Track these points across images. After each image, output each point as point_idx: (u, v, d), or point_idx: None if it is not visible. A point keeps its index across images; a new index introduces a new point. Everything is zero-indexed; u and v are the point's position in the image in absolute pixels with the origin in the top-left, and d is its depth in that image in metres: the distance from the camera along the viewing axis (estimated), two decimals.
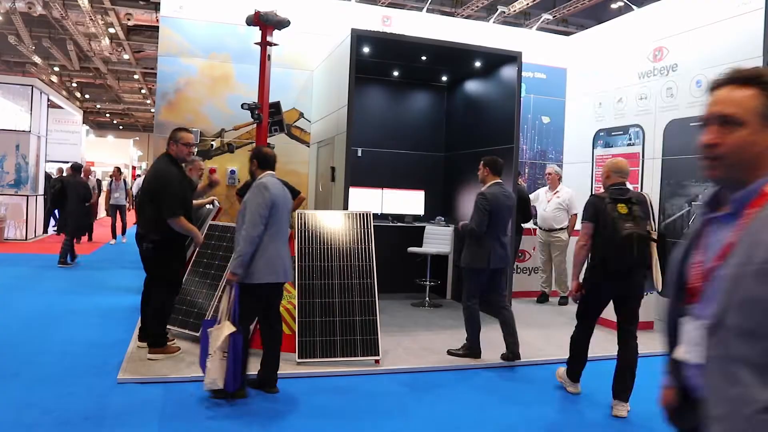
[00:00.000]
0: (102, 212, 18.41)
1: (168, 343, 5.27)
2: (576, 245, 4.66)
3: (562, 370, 5.08)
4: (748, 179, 1.45)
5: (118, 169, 15.13)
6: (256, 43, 6.38)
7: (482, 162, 5.80)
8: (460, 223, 5.96)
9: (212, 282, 5.86)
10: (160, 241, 5.02)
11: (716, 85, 1.55)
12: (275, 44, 6.38)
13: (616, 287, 4.52)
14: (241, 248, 4.26)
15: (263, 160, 4.66)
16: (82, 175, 11.23)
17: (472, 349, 5.71)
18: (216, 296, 5.64)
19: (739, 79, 1.50)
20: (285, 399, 4.48)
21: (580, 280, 4.65)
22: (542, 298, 8.76)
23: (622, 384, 4.49)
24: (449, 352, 5.78)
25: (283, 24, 6.28)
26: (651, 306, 7.29)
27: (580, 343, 4.78)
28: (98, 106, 33.57)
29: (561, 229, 8.53)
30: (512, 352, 5.61)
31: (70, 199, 10.71)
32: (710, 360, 1.37)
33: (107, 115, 37.46)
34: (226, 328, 4.24)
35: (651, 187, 8.05)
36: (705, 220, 1.60)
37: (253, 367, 4.60)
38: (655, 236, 4.63)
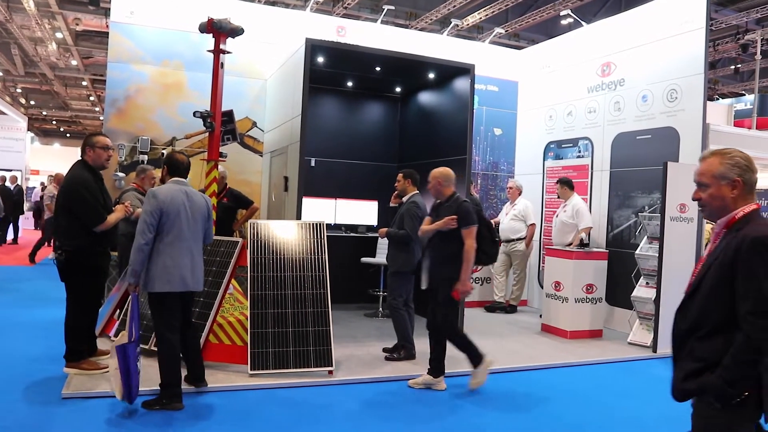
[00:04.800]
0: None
1: (95, 359, 5.09)
2: (473, 247, 4.97)
3: (419, 379, 5.24)
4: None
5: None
6: (209, 51, 6.29)
7: (402, 174, 6.18)
8: (386, 230, 6.06)
9: None
10: (73, 252, 4.81)
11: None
12: (228, 52, 6.30)
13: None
14: (131, 258, 4.27)
15: (172, 167, 4.62)
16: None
17: (407, 350, 5.94)
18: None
19: None
20: (237, 412, 4.40)
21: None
22: (492, 306, 8.86)
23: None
24: (385, 350, 6.07)
25: (236, 32, 6.21)
26: (600, 315, 7.45)
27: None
28: (44, 113, 32.58)
29: (518, 239, 8.66)
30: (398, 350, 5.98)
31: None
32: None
33: (54, 122, 36.37)
34: (120, 339, 4.25)
35: (599, 198, 8.26)
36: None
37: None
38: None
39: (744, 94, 21.85)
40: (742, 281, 2.16)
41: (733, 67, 19.90)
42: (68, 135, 39.75)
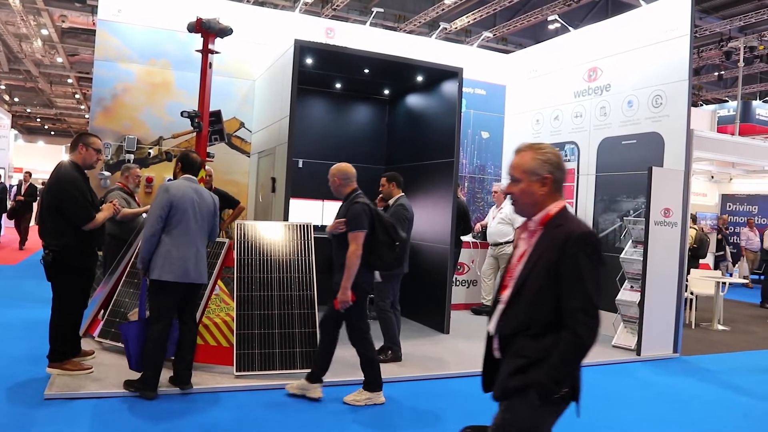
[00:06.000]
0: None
1: (79, 359, 5.06)
2: (355, 254, 4.51)
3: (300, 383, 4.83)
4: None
5: None
6: (197, 51, 6.27)
7: (386, 178, 6.12)
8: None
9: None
10: (60, 252, 4.74)
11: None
12: (217, 52, 6.29)
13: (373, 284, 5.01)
14: (140, 246, 4.58)
15: (187, 164, 4.90)
16: None
17: (394, 351, 5.94)
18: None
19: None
20: (222, 414, 4.39)
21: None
22: (479, 309, 8.89)
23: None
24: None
25: (225, 32, 6.20)
26: None
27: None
28: (28, 110, 32.28)
29: (506, 243, 8.69)
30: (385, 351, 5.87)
31: None
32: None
33: (38, 119, 36.05)
34: (131, 317, 4.71)
35: (585, 202, 8.32)
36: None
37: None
38: None
39: (727, 101, 22.12)
40: (568, 279, 2.14)
41: (716, 73, 20.16)
42: (53, 133, 39.41)
